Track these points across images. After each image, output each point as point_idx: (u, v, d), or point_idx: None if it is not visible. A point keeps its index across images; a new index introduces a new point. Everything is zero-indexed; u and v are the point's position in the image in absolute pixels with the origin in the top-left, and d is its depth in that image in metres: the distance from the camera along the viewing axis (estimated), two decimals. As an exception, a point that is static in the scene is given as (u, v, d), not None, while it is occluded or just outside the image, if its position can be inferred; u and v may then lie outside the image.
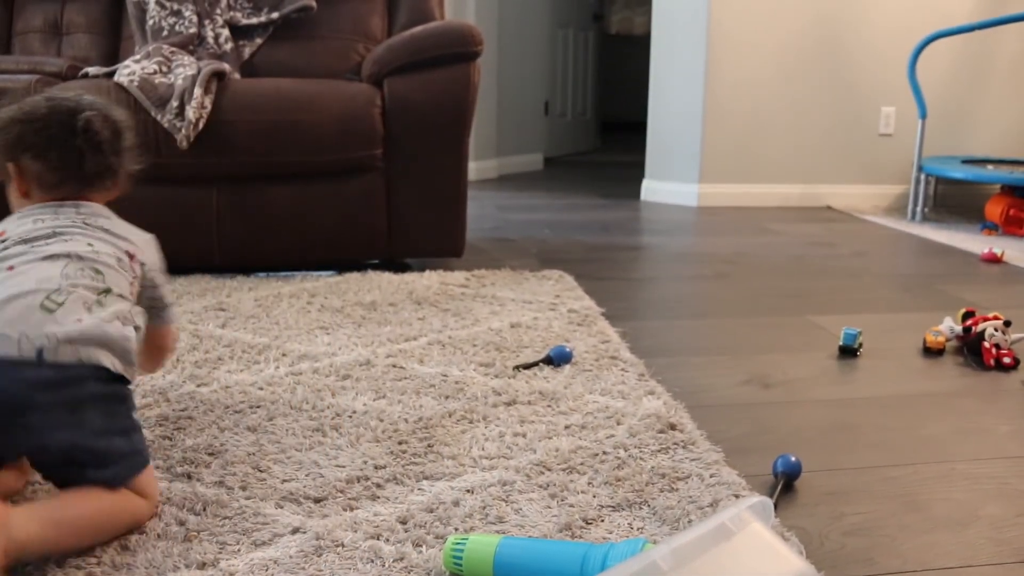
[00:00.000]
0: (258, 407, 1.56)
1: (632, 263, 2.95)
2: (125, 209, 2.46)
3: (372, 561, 1.09)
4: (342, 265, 2.62)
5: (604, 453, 1.39)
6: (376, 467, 1.33)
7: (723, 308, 2.39)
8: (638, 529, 1.18)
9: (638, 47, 6.94)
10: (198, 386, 1.66)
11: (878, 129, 4.31)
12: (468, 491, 1.26)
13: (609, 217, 3.87)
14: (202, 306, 2.23)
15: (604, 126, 7.44)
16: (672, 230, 3.59)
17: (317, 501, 1.24)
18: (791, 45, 4.15)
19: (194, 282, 2.46)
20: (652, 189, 4.42)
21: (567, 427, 1.49)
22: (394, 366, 1.77)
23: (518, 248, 3.11)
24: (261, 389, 1.64)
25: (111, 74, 2.61)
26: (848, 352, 1.97)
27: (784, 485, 1.32)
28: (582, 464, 1.35)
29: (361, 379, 1.70)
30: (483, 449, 1.40)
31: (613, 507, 1.23)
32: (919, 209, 3.90)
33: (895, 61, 4.17)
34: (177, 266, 2.56)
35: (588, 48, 6.77)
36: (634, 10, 8.73)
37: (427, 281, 2.46)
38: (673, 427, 1.49)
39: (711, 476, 1.31)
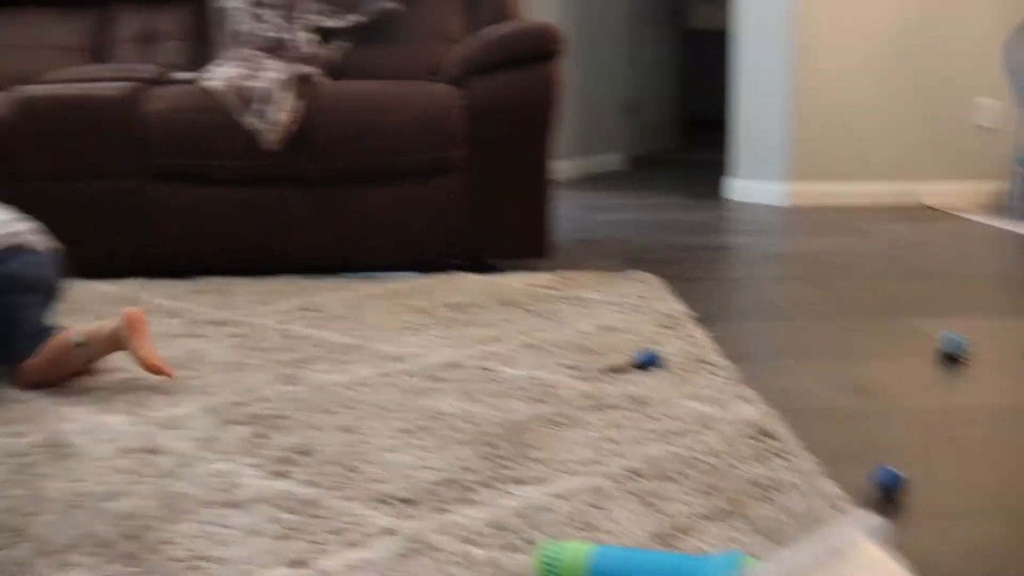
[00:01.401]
0: (348, 407, 1.57)
1: (719, 264, 2.90)
2: (223, 209, 2.52)
3: (464, 565, 1.08)
4: (427, 266, 2.64)
5: (696, 460, 1.36)
6: (466, 470, 1.33)
7: (816, 311, 2.33)
8: (733, 540, 1.15)
9: (720, 42, 6.85)
10: (290, 385, 1.69)
11: (975, 121, 4.16)
12: (559, 496, 1.25)
13: (694, 217, 3.82)
14: (292, 306, 2.26)
15: (687, 124, 7.35)
16: (760, 230, 3.53)
17: (408, 503, 1.24)
18: (882, 34, 4.04)
19: (284, 283, 2.50)
20: (737, 188, 4.34)
21: (658, 433, 1.46)
22: (482, 368, 1.77)
23: (603, 249, 3.08)
24: (351, 389, 1.66)
25: (199, 79, 2.67)
26: (950, 358, 1.89)
27: (886, 499, 1.27)
28: (674, 471, 1.32)
29: (450, 381, 1.70)
30: (573, 454, 1.39)
31: (707, 517, 1.20)
32: (1020, 205, 3.75)
33: (990, 49, 4.01)
34: (269, 267, 2.61)
35: (670, 44, 6.69)
36: (715, 4, 8.60)
37: (513, 282, 2.46)
38: (767, 434, 1.45)
39: (808, 487, 1.27)
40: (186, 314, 2.22)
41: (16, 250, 1.82)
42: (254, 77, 2.58)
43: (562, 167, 4.97)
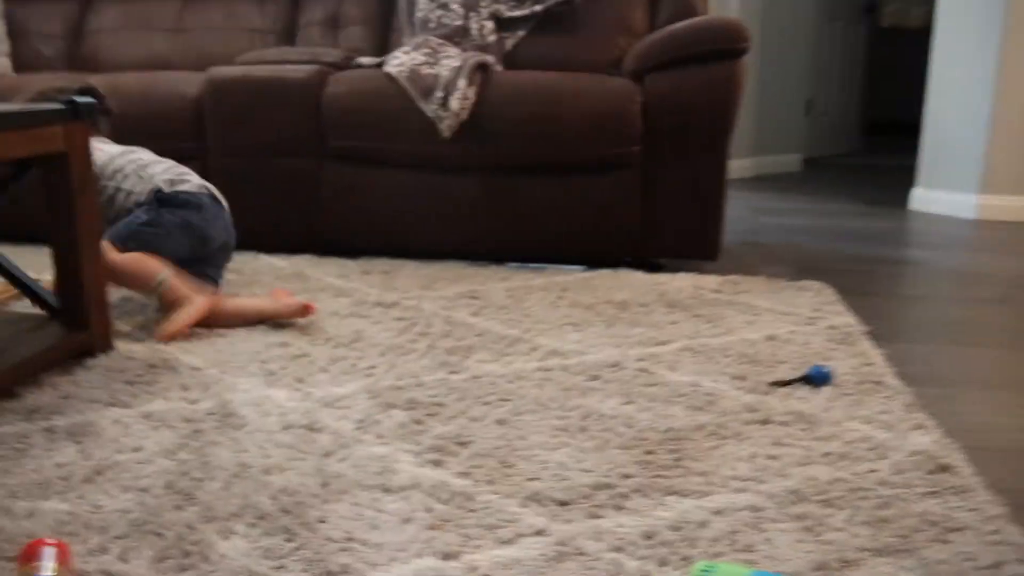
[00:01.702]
0: (507, 400, 1.57)
1: (899, 279, 2.74)
2: (395, 192, 2.57)
3: (614, 574, 1.06)
4: (593, 261, 2.61)
5: (866, 489, 1.28)
6: (622, 476, 1.30)
7: (1008, 337, 2.17)
8: (905, 579, 1.07)
9: (912, 41, 6.49)
10: (450, 373, 1.70)
11: None
12: (716, 513, 1.20)
13: (873, 226, 3.63)
14: (455, 293, 2.28)
15: (869, 127, 7.02)
16: (946, 244, 3.32)
17: (562, 504, 1.22)
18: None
19: (449, 268, 2.53)
20: (923, 198, 4.10)
21: (825, 455, 1.39)
22: (644, 371, 1.73)
23: (773, 254, 2.97)
24: (510, 382, 1.65)
25: (381, 64, 2.74)
26: None
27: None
28: (841, 498, 1.25)
29: (610, 381, 1.67)
30: (734, 469, 1.34)
31: (875, 551, 1.13)
32: None
33: None
34: (434, 252, 2.65)
35: (857, 43, 6.40)
36: (910, 0, 8.17)
37: (679, 283, 2.40)
38: (945, 469, 1.35)
39: (991, 532, 1.17)
40: (354, 294, 2.28)
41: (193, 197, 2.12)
42: (435, 64, 2.62)
43: (735, 166, 4.84)
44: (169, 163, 2.18)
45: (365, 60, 2.86)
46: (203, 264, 2.14)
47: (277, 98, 2.61)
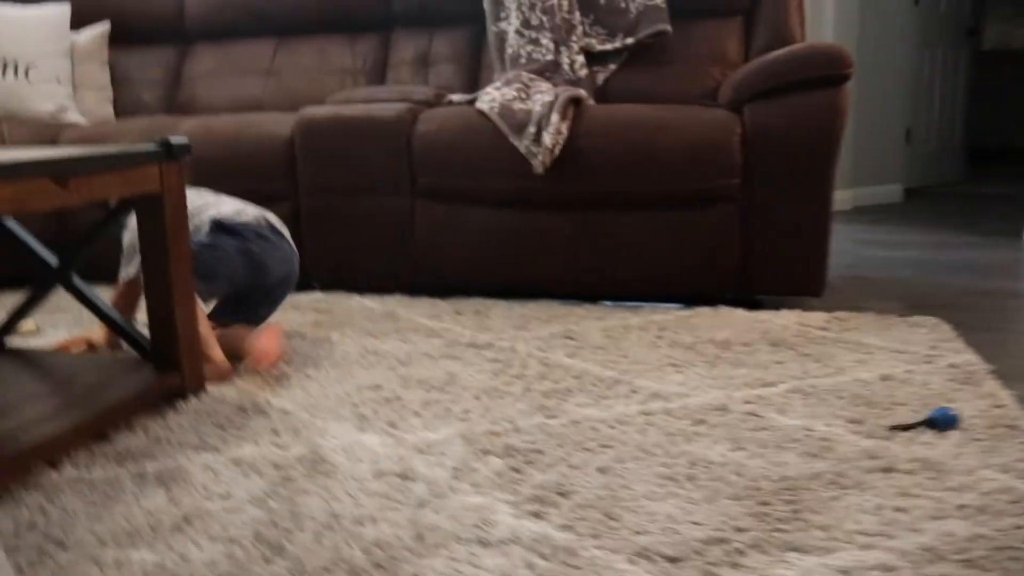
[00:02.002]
0: (608, 447, 1.49)
1: (1022, 313, 2.58)
2: (486, 230, 2.53)
3: (735, 643, 0.96)
4: (691, 298, 2.51)
5: (1013, 548, 1.16)
6: (737, 529, 1.21)
7: None
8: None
9: (1018, 63, 6.23)
10: (547, 418, 1.63)
11: None
12: (844, 572, 1.10)
13: (986, 258, 3.45)
14: (550, 333, 2.22)
15: (973, 154, 6.75)
16: (1066, 275, 3.12)
17: (672, 561, 1.13)
18: None
19: (542, 307, 2.47)
20: (1037, 227, 3.89)
21: (960, 507, 1.27)
22: (752, 414, 1.63)
23: (879, 288, 2.83)
24: (611, 427, 1.57)
25: (472, 101, 2.71)
26: None
27: None
28: (984, 558, 1.13)
29: (717, 426, 1.58)
30: (858, 523, 1.23)
31: (1029, 618, 1.01)
32: None
33: None
34: (527, 290, 2.59)
35: (958, 67, 6.17)
36: (1014, 22, 7.87)
37: (783, 320, 2.29)
38: (1101, 523, 1.22)
39: None
40: (447, 335, 2.23)
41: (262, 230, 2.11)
42: (527, 99, 2.57)
43: (835, 197, 4.68)
44: (228, 198, 2.18)
45: (456, 97, 2.84)
46: (261, 300, 2.14)
47: (368, 137, 2.60)
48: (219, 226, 2.05)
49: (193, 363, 1.83)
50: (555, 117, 2.42)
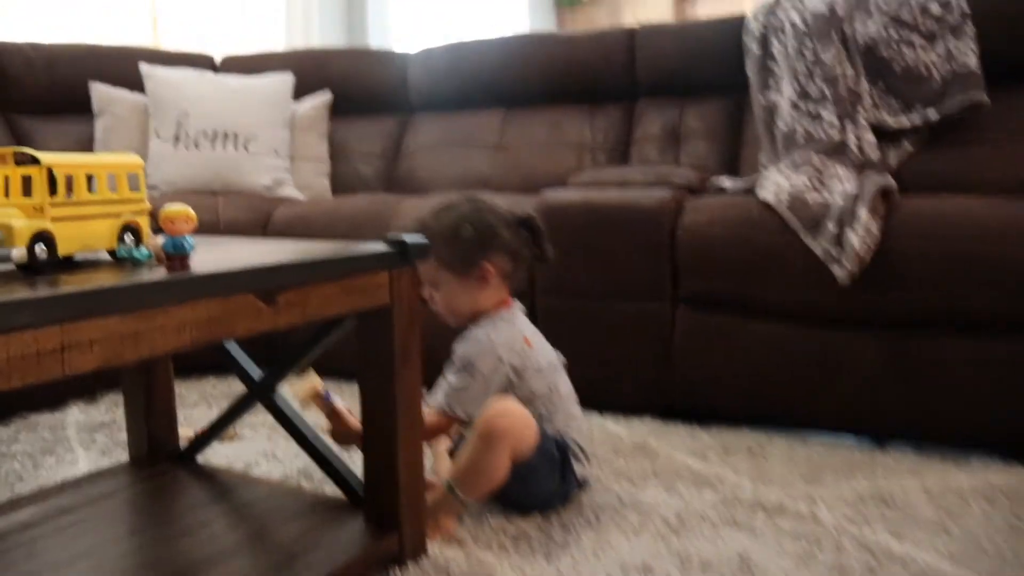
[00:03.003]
0: None
1: None
2: (765, 348, 2.05)
3: None
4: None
5: None
6: None
7: None
8: None
9: None
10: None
11: None
12: None
13: None
14: (856, 493, 1.69)
15: None
16: None
17: None
18: None
19: (831, 449, 1.96)
20: None
21: None
22: None
23: None
24: None
25: (750, 188, 2.24)
26: None
27: None
28: None
29: None
30: None
31: None
32: None
33: None
34: (810, 423, 2.08)
35: None
36: None
37: None
38: None
39: None
40: (719, 485, 1.75)
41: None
42: (823, 188, 2.08)
43: None
44: (528, 324, 1.78)
45: (728, 183, 2.38)
46: None
47: (623, 228, 2.16)
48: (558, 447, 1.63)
49: (414, 521, 1.43)
50: (863, 213, 1.91)
